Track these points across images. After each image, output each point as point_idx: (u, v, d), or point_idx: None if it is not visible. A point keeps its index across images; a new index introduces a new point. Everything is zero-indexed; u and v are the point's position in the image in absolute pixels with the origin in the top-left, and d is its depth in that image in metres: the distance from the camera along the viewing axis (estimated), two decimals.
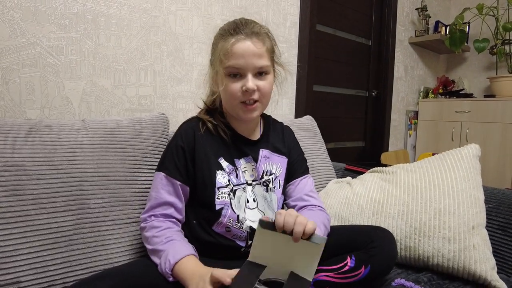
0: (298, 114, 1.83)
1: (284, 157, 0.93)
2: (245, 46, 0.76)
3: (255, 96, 0.78)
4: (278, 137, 0.95)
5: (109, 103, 1.19)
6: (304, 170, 0.96)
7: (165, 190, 0.79)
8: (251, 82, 0.76)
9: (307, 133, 1.40)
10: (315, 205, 0.89)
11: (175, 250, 0.71)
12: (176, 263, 0.68)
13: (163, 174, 0.80)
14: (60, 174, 0.79)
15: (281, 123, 1.01)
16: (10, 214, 0.72)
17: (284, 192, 0.93)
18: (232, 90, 0.78)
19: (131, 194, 0.88)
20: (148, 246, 0.75)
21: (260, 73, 0.79)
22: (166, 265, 0.69)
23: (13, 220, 0.72)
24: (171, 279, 0.69)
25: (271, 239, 0.65)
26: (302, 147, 1.30)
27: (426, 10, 2.63)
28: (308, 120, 1.48)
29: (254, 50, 0.76)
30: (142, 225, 0.80)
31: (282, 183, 0.90)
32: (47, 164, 0.78)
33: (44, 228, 0.74)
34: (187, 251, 0.71)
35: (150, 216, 0.79)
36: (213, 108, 0.88)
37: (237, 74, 0.77)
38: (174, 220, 0.80)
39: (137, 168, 0.91)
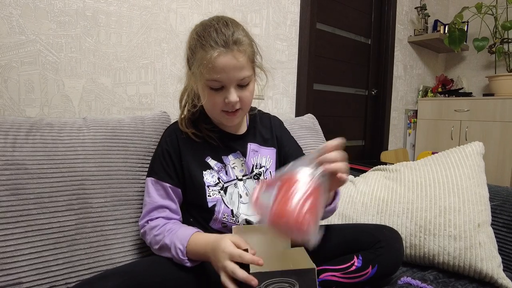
0: (298, 113, 1.82)
1: (273, 148, 0.92)
2: (227, 60, 0.72)
3: (237, 106, 0.78)
4: (265, 127, 0.94)
5: (109, 101, 1.17)
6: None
7: (158, 194, 0.79)
8: (233, 95, 0.75)
9: (309, 131, 1.39)
10: None
11: (180, 237, 0.71)
12: (186, 246, 0.70)
13: (153, 179, 0.80)
14: (61, 173, 0.78)
15: (268, 113, 1.00)
16: (11, 214, 0.70)
17: None
18: (214, 101, 0.77)
19: (133, 193, 0.87)
20: (155, 247, 0.75)
21: (241, 84, 0.77)
22: (179, 254, 0.70)
23: (14, 219, 0.70)
24: (188, 264, 0.70)
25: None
26: (303, 146, 1.30)
27: (425, 9, 2.63)
28: (309, 119, 1.47)
29: (236, 64, 0.73)
30: (141, 231, 0.80)
31: (274, 174, 0.90)
32: (48, 162, 0.77)
33: (45, 228, 0.73)
34: (191, 231, 0.72)
35: (147, 221, 0.78)
36: (195, 117, 0.86)
37: (218, 87, 0.75)
38: (171, 220, 0.79)
39: (139, 167, 0.90)
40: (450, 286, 0.84)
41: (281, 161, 0.93)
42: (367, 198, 1.03)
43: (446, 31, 2.65)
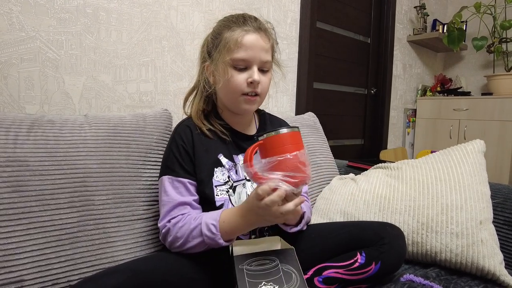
0: (298, 111, 1.82)
1: None
2: (254, 38, 0.76)
3: (258, 89, 0.79)
4: None
5: (109, 99, 1.16)
6: None
7: (177, 192, 0.77)
8: (256, 74, 0.77)
9: (310, 129, 1.39)
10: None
11: (210, 216, 0.71)
12: (219, 220, 0.69)
13: (169, 177, 0.78)
14: (63, 170, 0.77)
15: (278, 117, 1.01)
16: (13, 211, 0.69)
17: None
18: (238, 81, 0.77)
19: (135, 190, 0.86)
20: (179, 242, 0.72)
21: (262, 69, 0.80)
22: (212, 229, 0.69)
23: (15, 217, 0.69)
24: (221, 241, 0.69)
25: None
26: (304, 143, 1.30)
27: (424, 8, 2.64)
28: (310, 117, 1.47)
29: (262, 44, 0.78)
30: (162, 231, 0.75)
31: None
32: (50, 159, 0.76)
33: (47, 225, 0.72)
34: (220, 210, 0.73)
35: (168, 221, 0.75)
36: (208, 111, 0.87)
37: (242, 66, 0.77)
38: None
39: (141, 164, 0.89)
40: (452, 283, 0.84)
41: None
42: (368, 196, 1.03)
43: (445, 31, 2.65)
